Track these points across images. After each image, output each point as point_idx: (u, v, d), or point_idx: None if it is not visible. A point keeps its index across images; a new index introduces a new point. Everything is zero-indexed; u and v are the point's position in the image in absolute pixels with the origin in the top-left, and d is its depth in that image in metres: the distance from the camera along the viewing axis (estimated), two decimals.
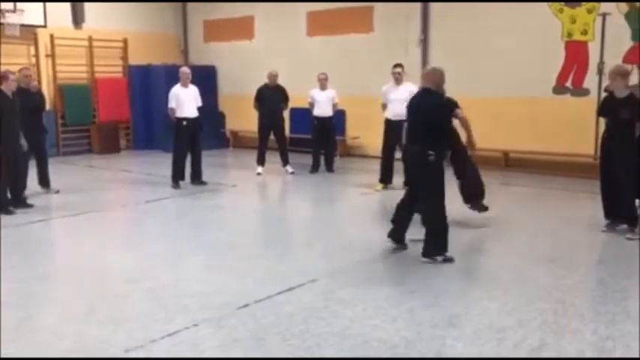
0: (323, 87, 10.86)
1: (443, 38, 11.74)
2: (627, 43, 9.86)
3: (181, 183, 9.65)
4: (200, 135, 9.76)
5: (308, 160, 11.18)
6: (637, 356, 3.58)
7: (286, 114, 12.71)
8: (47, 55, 13.26)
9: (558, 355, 3.76)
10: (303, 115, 12.03)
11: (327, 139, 10.98)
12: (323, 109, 10.83)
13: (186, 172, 9.76)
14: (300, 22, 13.64)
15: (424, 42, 11.95)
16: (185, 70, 9.78)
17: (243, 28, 14.65)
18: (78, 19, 13.71)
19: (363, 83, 11.93)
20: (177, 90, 9.55)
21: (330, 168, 10.95)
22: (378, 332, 4.11)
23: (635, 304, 4.63)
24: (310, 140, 11.35)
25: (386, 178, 9.22)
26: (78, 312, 4.55)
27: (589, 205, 7.95)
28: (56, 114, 13.43)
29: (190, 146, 9.65)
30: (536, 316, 4.35)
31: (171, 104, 9.50)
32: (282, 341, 4.00)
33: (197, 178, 9.83)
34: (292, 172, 10.86)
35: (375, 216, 7.83)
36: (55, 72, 13.38)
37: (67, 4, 13.53)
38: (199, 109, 9.71)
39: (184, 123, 9.49)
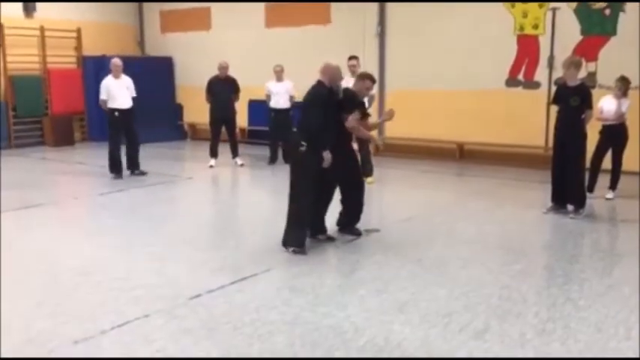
0: (279, 79, 10.87)
1: (400, 30, 11.88)
2: (577, 37, 10.17)
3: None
4: (134, 125, 9.72)
5: (266, 151, 11.20)
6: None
7: (244, 106, 12.72)
8: None
9: (501, 338, 3.89)
10: (260, 107, 12.02)
11: (284, 131, 10.98)
12: (280, 101, 10.85)
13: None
14: (258, 14, 13.59)
15: (381, 34, 12.07)
16: (116, 61, 9.69)
17: (200, 19, 14.53)
18: (29, 8, 13.37)
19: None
20: (108, 81, 9.54)
21: (287, 160, 10.96)
22: (328, 319, 4.18)
23: (575, 287, 4.83)
24: (268, 132, 11.36)
25: None
26: (27, 305, 4.49)
27: (539, 194, 8.21)
28: (7, 105, 13.10)
29: (125, 136, 9.64)
30: (482, 301, 4.49)
31: (102, 96, 9.51)
32: (233, 330, 4.03)
33: (135, 168, 9.82)
34: (242, 165, 10.86)
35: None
36: (5, 62, 13.02)
37: None
38: (134, 99, 9.69)
39: (116, 114, 9.49)
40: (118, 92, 9.47)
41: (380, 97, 11.66)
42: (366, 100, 7.58)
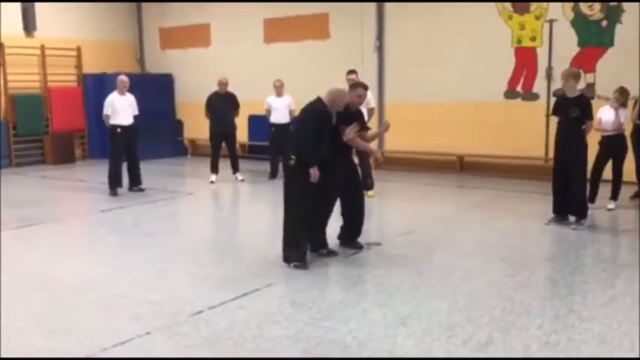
0: (279, 94, 10.90)
1: (398, 44, 11.94)
2: (574, 49, 10.22)
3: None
4: (136, 142, 9.76)
5: (266, 166, 11.21)
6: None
7: (244, 121, 12.76)
8: None
9: (504, 350, 3.87)
10: (260, 122, 12.04)
11: (284, 145, 10.98)
12: (280, 116, 10.86)
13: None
14: (257, 29, 13.68)
15: (380, 48, 12.12)
16: (123, 78, 9.76)
17: (199, 36, 14.61)
18: (29, 27, 13.44)
19: (320, 89, 11.95)
20: (113, 97, 9.57)
21: None
22: (331, 334, 4.15)
23: (578, 298, 4.81)
24: (268, 147, 11.37)
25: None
26: (27, 322, 4.47)
27: (541, 205, 8.19)
28: (7, 124, 13.14)
29: (126, 153, 9.68)
30: (485, 314, 4.47)
31: (107, 111, 9.52)
32: (235, 346, 4.01)
33: (135, 185, 9.86)
34: (242, 180, 10.86)
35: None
36: (6, 81, 13.08)
37: (18, 13, 13.25)
38: (135, 117, 9.72)
39: (118, 130, 9.52)
40: (121, 109, 9.51)
41: (379, 111, 11.68)
42: (365, 112, 7.57)
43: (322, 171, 5.61)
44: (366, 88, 6.17)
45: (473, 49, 11.04)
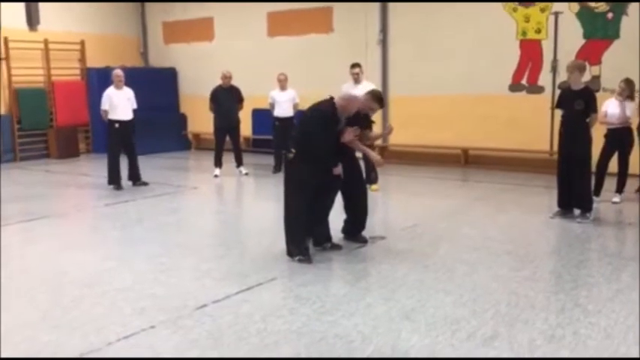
0: (283, 87, 10.88)
1: (402, 37, 11.89)
2: (579, 41, 10.15)
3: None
4: (133, 137, 9.74)
5: (270, 160, 11.21)
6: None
7: (248, 115, 12.75)
8: (1, 59, 12.95)
9: (510, 344, 3.86)
10: (264, 115, 12.03)
11: (288, 139, 10.96)
12: (284, 110, 10.85)
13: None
14: (260, 23, 13.63)
15: (384, 41, 12.07)
16: (118, 72, 9.71)
17: (203, 30, 14.58)
18: (33, 21, 13.43)
19: (324, 83, 11.92)
20: (110, 92, 9.53)
21: None
22: (335, 328, 4.14)
23: (583, 292, 4.79)
24: (272, 141, 11.36)
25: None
26: (31, 318, 4.47)
27: (545, 199, 8.18)
28: (12, 118, 13.15)
29: (124, 148, 9.66)
30: (490, 307, 4.45)
31: (104, 106, 9.48)
32: (239, 340, 4.00)
33: (137, 179, 9.86)
34: (246, 174, 10.86)
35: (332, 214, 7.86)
36: (10, 75, 13.09)
37: (22, 7, 13.24)
38: (134, 111, 9.69)
39: (116, 125, 9.48)
40: (119, 103, 9.47)
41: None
42: None
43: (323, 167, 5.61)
44: (382, 106, 6.12)
45: (477, 41, 10.98)
